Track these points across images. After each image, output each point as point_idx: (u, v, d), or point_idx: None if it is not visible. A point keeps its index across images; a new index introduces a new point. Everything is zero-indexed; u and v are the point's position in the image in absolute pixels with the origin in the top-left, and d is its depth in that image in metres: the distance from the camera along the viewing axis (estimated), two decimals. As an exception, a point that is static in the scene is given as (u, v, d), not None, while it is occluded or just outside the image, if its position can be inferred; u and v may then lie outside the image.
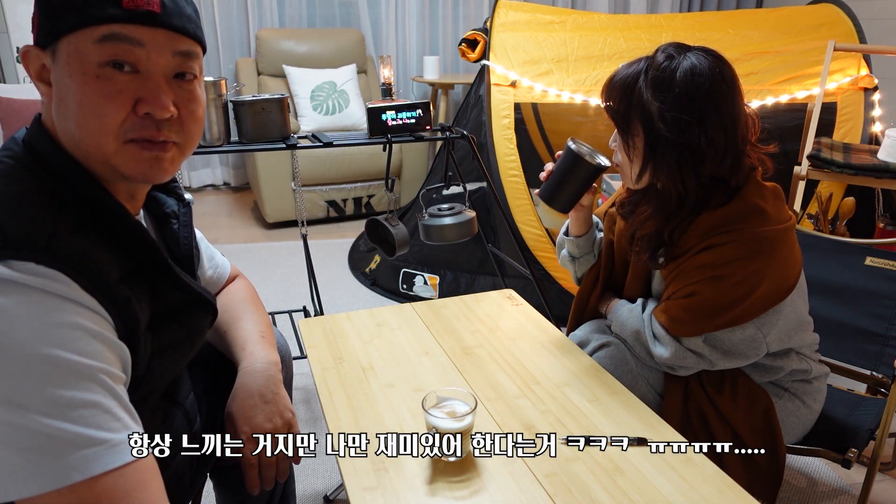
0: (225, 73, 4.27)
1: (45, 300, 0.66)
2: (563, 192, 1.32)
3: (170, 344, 0.85)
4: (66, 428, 0.64)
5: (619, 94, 1.17)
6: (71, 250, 0.69)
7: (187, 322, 0.88)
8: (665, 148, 1.14)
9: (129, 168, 0.76)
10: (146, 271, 0.81)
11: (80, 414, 0.65)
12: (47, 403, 0.63)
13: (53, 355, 0.64)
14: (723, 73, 1.13)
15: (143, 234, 0.80)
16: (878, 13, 3.79)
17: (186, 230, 0.94)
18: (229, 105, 1.72)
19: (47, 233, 0.68)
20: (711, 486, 0.90)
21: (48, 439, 0.63)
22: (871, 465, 1.34)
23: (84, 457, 0.64)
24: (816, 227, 2.55)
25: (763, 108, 2.63)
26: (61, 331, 0.66)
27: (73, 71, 0.71)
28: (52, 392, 0.64)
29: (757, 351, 1.22)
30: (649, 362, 1.27)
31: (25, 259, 0.66)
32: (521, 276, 2.54)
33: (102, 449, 0.65)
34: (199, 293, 0.90)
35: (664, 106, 1.12)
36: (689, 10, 4.99)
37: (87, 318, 0.68)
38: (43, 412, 0.63)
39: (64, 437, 0.64)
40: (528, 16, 2.78)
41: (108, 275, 0.72)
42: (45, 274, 0.66)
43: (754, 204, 1.17)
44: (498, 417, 1.05)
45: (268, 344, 1.06)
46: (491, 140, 2.57)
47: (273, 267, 3.20)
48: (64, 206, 0.72)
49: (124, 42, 0.71)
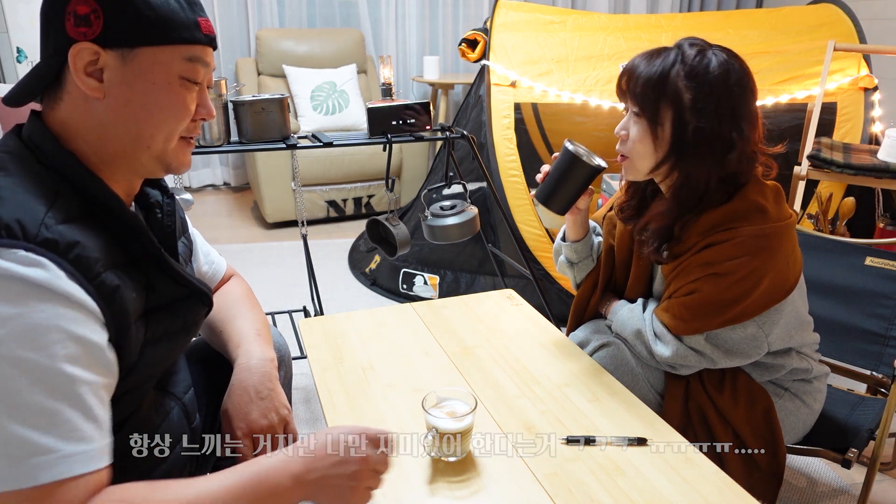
0: (225, 73, 4.27)
1: (29, 296, 0.66)
2: (560, 193, 1.32)
3: (164, 334, 0.86)
4: (23, 433, 0.65)
5: (649, 83, 1.16)
6: (61, 238, 0.70)
7: (182, 313, 0.90)
8: (696, 139, 1.15)
9: (177, 160, 0.86)
10: (140, 263, 0.82)
11: (38, 421, 0.66)
12: (10, 405, 0.65)
13: (24, 357, 0.65)
14: (746, 71, 1.17)
15: (138, 225, 0.82)
16: (878, 13, 3.79)
17: (170, 219, 0.95)
18: (229, 105, 1.72)
19: (38, 221, 0.70)
20: (711, 486, 0.90)
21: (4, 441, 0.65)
22: (871, 465, 1.34)
23: (35, 464, 0.65)
24: (816, 227, 2.55)
25: (763, 108, 2.63)
26: (39, 333, 0.66)
27: (158, 79, 0.80)
28: (17, 395, 0.65)
29: (758, 350, 1.22)
30: (650, 362, 1.27)
31: (13, 247, 0.67)
32: (521, 276, 2.54)
33: (54, 458, 0.66)
34: (194, 284, 0.91)
35: (698, 96, 1.13)
36: (689, 10, 4.99)
37: (70, 317, 0.69)
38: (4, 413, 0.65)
39: (18, 441, 0.65)
40: (528, 16, 2.78)
41: (98, 263, 0.73)
42: (32, 262, 0.67)
43: (755, 202, 1.17)
44: (498, 417, 1.05)
45: (263, 341, 1.07)
46: (491, 140, 2.57)
47: (273, 267, 3.20)
48: (58, 197, 0.74)
49: (200, 63, 0.83)
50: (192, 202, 1.79)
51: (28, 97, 0.81)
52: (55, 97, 0.80)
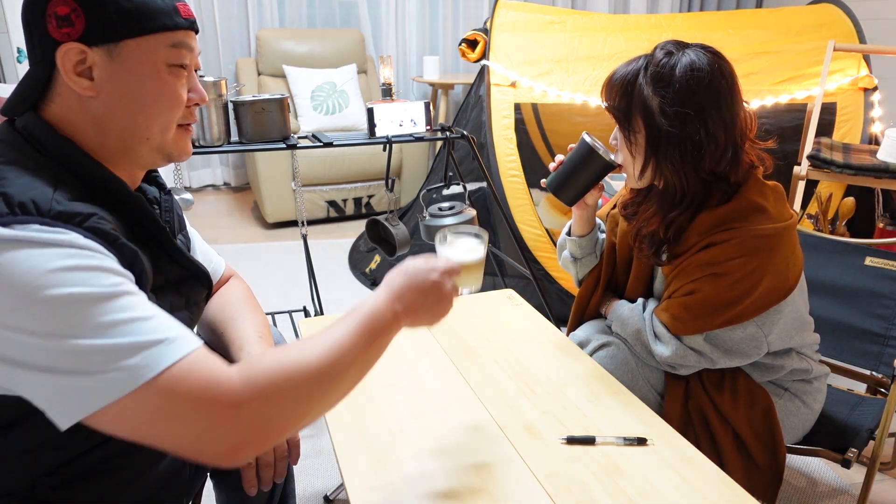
0: (225, 73, 4.27)
1: (55, 250, 0.67)
2: (572, 184, 1.32)
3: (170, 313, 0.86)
4: (120, 341, 0.65)
5: (620, 91, 1.19)
6: (74, 210, 0.71)
7: (185, 293, 0.91)
8: (667, 143, 1.16)
9: (178, 148, 0.87)
10: (144, 244, 0.83)
11: (128, 328, 0.67)
12: (93, 329, 0.65)
13: (77, 293, 0.65)
14: (721, 69, 1.15)
15: (142, 205, 0.83)
16: (878, 13, 3.79)
17: (169, 215, 0.96)
18: (229, 105, 1.73)
19: (49, 198, 0.70)
20: (711, 486, 0.90)
21: (107, 354, 0.65)
22: (871, 465, 1.34)
23: (150, 355, 0.66)
24: (816, 227, 2.56)
25: (763, 108, 2.63)
26: (76, 273, 0.66)
27: (146, 70, 0.80)
28: (93, 319, 0.65)
29: (758, 350, 1.22)
30: (650, 361, 1.27)
31: (28, 222, 0.67)
32: (521, 276, 2.54)
33: (156, 349, 0.67)
34: (195, 264, 0.93)
35: (664, 101, 1.14)
36: (689, 10, 4.99)
37: (100, 258, 0.69)
38: (93, 335, 0.65)
39: (121, 347, 0.65)
40: (528, 16, 2.78)
41: (115, 231, 0.74)
42: (49, 230, 0.68)
43: (755, 202, 1.17)
44: (498, 417, 1.05)
45: (265, 344, 1.07)
46: (491, 140, 2.57)
47: (273, 267, 3.20)
48: (60, 182, 0.74)
49: (185, 48, 0.83)
50: (192, 202, 1.79)
51: (24, 106, 0.80)
52: (47, 99, 0.80)
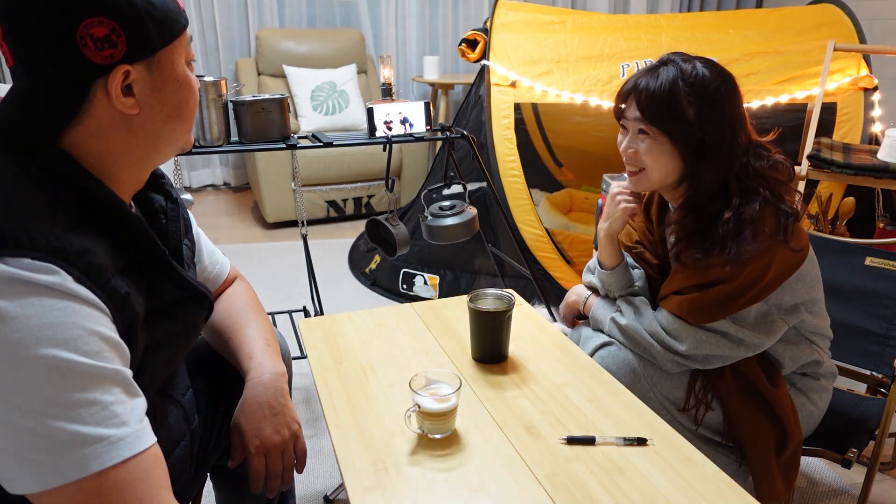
0: (225, 73, 4.27)
1: (43, 297, 0.66)
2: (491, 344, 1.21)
3: (163, 339, 0.85)
4: (65, 427, 0.65)
5: (659, 101, 1.20)
6: (69, 246, 0.69)
7: (182, 317, 0.89)
8: (706, 148, 1.20)
9: (189, 140, 0.88)
10: (142, 266, 0.81)
11: (79, 413, 0.66)
12: (47, 404, 0.65)
13: (51, 356, 0.65)
14: (733, 76, 1.23)
15: (142, 228, 0.81)
16: (878, 13, 3.79)
17: (175, 225, 0.94)
18: (229, 105, 1.72)
19: (45, 230, 0.68)
20: (711, 486, 0.90)
21: (48, 439, 0.65)
22: (871, 465, 1.34)
23: (83, 455, 0.66)
24: (816, 227, 2.56)
25: (763, 108, 2.63)
26: (58, 330, 0.66)
27: (178, 73, 0.81)
28: (52, 393, 0.65)
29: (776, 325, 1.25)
30: (665, 365, 1.27)
31: (20, 256, 0.66)
32: (521, 276, 2.54)
33: (101, 446, 0.67)
34: (195, 287, 0.90)
35: (703, 108, 1.19)
36: (689, 10, 4.99)
37: (86, 314, 0.69)
38: (42, 413, 0.65)
39: (63, 436, 0.65)
40: (528, 16, 2.78)
41: (106, 269, 0.73)
42: (40, 268, 0.66)
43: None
44: (498, 417, 1.05)
45: (273, 353, 1.07)
46: (491, 140, 2.57)
47: (273, 267, 3.20)
48: (60, 203, 0.72)
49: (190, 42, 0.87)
50: (192, 202, 1.79)
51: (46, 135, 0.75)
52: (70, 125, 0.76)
